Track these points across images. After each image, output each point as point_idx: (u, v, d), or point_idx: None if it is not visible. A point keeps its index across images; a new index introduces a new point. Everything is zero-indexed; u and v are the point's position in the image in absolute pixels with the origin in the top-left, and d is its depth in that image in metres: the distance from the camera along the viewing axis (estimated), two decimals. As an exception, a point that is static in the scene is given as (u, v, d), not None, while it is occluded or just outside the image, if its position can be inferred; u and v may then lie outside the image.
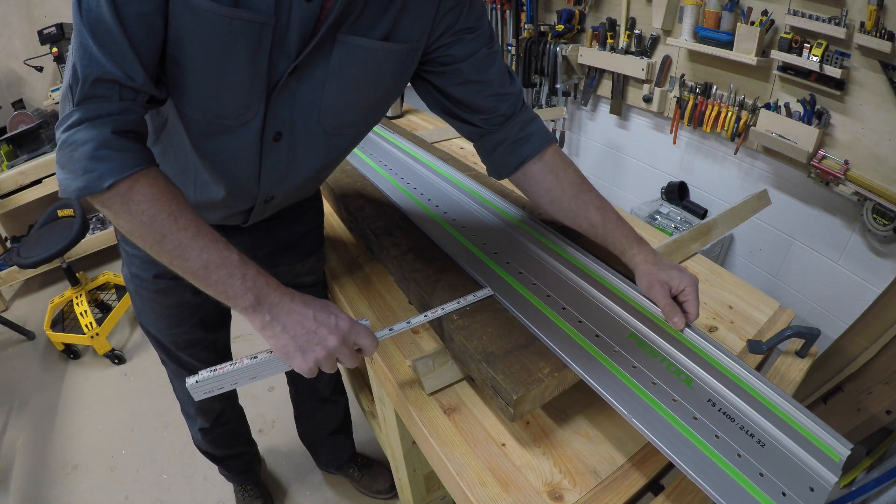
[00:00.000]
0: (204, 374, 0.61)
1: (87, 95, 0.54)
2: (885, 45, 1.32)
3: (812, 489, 0.52)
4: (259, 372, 0.64)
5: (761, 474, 0.53)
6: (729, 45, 1.70)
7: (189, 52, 0.58)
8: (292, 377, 1.37)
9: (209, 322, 1.07)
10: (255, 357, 0.63)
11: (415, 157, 1.36)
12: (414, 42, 0.70)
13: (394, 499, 1.56)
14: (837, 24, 1.41)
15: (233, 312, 1.13)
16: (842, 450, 0.57)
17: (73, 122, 0.54)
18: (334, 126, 0.73)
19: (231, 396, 1.34)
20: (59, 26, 2.40)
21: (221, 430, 1.32)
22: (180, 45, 0.57)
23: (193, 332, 1.04)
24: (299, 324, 0.61)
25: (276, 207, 0.87)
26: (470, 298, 0.78)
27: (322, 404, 1.42)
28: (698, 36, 1.80)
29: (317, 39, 0.61)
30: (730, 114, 1.80)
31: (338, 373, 1.42)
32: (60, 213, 2.15)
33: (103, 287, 2.44)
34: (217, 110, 0.64)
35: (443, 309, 0.75)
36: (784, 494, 0.51)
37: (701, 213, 2.11)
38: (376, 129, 1.59)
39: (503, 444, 0.69)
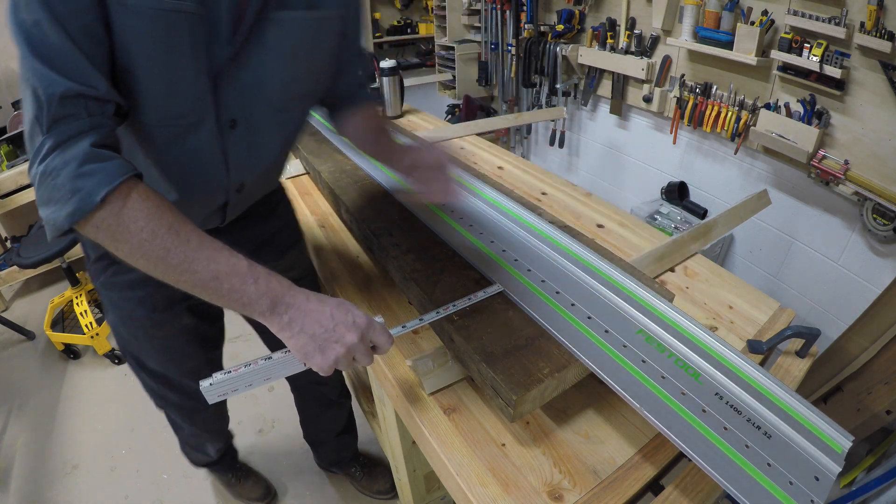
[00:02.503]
0: (218, 376, 0.60)
1: (56, 117, 0.53)
2: (885, 45, 1.32)
3: (817, 478, 0.54)
4: (274, 372, 0.63)
5: (769, 464, 0.55)
6: (729, 45, 1.70)
7: (137, 56, 0.58)
8: (296, 383, 1.37)
9: (208, 340, 1.07)
10: (270, 358, 0.62)
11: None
12: (339, 8, 0.74)
13: (394, 499, 1.56)
14: (837, 24, 1.41)
15: (226, 313, 1.14)
16: (844, 442, 0.59)
17: (46, 150, 0.52)
18: (283, 102, 0.75)
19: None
20: (59, 26, 2.39)
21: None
22: (128, 51, 0.57)
23: (197, 356, 1.05)
24: (317, 322, 0.60)
25: (247, 199, 0.88)
26: (480, 294, 0.78)
27: (327, 408, 1.42)
28: (698, 36, 1.80)
29: (248, 23, 0.63)
30: (730, 114, 1.80)
31: (342, 375, 1.42)
32: (60, 213, 2.14)
33: (103, 287, 2.44)
34: (173, 109, 0.65)
35: (454, 305, 0.75)
36: (791, 483, 0.53)
37: (701, 213, 2.11)
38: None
39: (503, 444, 0.69)
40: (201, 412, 1.22)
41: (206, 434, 1.30)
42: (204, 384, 0.60)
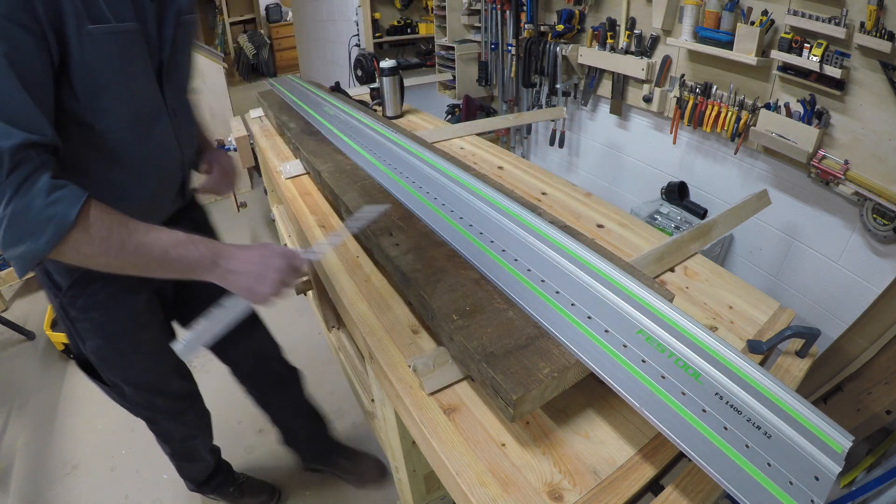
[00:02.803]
0: (185, 336, 0.73)
1: (15, 164, 0.60)
2: (885, 45, 1.32)
3: (817, 478, 0.54)
4: (228, 316, 0.76)
5: (769, 464, 0.55)
6: (729, 45, 1.70)
7: (106, 73, 0.71)
8: (244, 373, 1.36)
9: (173, 331, 1.13)
10: (221, 305, 0.75)
11: (422, 158, 1.36)
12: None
13: (388, 483, 1.57)
14: (837, 24, 1.41)
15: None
16: (844, 441, 0.59)
17: (10, 194, 0.59)
18: (189, 85, 0.95)
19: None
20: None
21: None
22: (98, 71, 0.69)
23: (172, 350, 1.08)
24: (250, 262, 0.74)
25: (189, 176, 1.04)
26: (372, 213, 0.94)
27: (285, 387, 1.43)
28: (698, 36, 1.80)
29: (168, 32, 0.80)
30: (730, 114, 1.80)
31: (277, 345, 1.41)
32: (60, 213, 2.15)
33: (103, 287, 2.44)
34: (139, 110, 0.79)
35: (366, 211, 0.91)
36: (791, 483, 0.53)
37: (701, 213, 2.10)
38: (380, 129, 1.59)
39: (503, 444, 0.69)
40: (188, 411, 1.25)
41: (196, 433, 1.32)
42: (177, 346, 0.72)
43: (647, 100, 2.11)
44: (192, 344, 0.73)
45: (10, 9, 0.58)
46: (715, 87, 1.84)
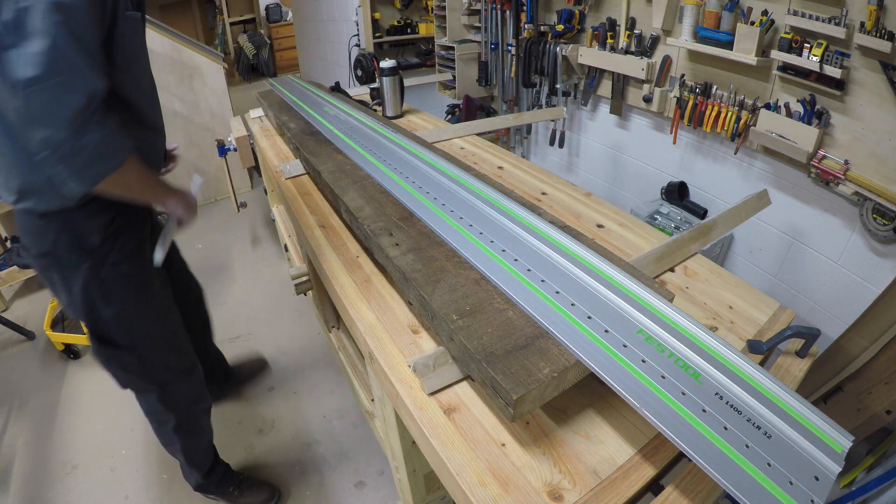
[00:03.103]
0: (157, 248, 1.12)
1: (99, 103, 0.82)
2: (885, 45, 1.32)
3: (817, 478, 0.54)
4: (170, 231, 1.17)
5: (769, 464, 0.55)
6: (729, 45, 1.70)
7: (134, 47, 0.96)
8: (189, 323, 1.49)
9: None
10: (166, 224, 1.17)
11: (422, 158, 1.36)
12: None
13: (266, 373, 1.99)
14: (837, 24, 1.41)
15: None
16: (844, 441, 0.59)
17: (99, 122, 0.82)
18: None
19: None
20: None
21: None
22: (132, 44, 0.94)
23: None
24: (181, 198, 1.11)
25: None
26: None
27: (209, 325, 1.74)
28: (698, 36, 1.80)
29: (144, 14, 1.02)
30: (730, 114, 1.80)
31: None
32: (60, 213, 2.15)
33: (103, 287, 2.44)
34: (148, 81, 1.09)
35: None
36: (791, 483, 0.53)
37: (701, 213, 2.10)
38: (380, 129, 1.59)
39: (503, 444, 0.69)
40: (194, 369, 1.37)
41: (198, 396, 1.39)
42: (156, 255, 1.11)
43: (647, 100, 2.11)
44: (160, 252, 1.11)
45: None
46: (715, 87, 1.84)
